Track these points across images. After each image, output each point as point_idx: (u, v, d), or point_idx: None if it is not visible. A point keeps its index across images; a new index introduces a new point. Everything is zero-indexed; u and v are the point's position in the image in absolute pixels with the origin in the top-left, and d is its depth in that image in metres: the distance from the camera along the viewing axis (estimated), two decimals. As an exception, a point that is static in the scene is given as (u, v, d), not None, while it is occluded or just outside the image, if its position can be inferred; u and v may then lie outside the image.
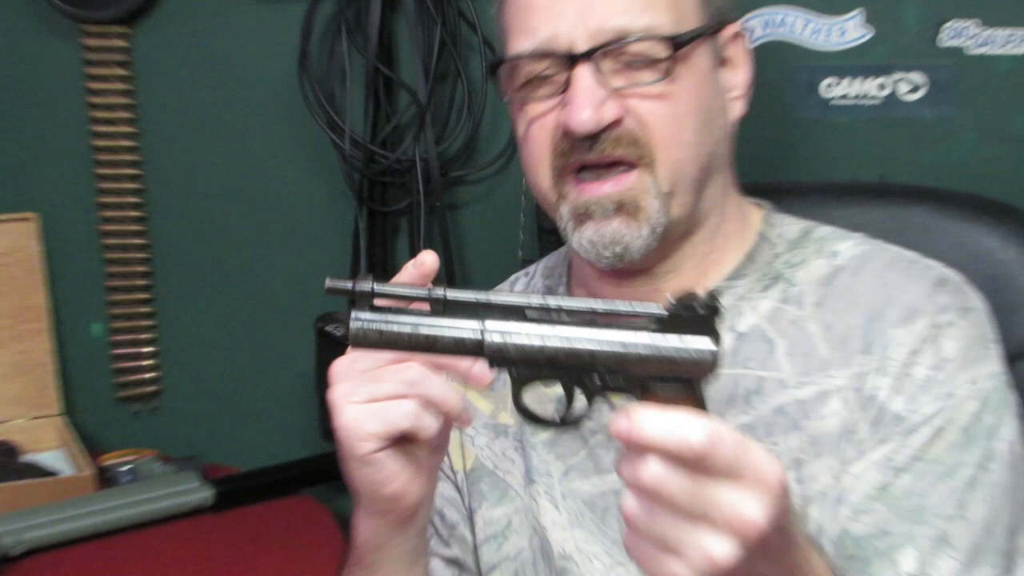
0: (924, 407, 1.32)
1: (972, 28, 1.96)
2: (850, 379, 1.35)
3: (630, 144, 1.33)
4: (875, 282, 1.39)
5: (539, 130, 1.37)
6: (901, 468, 1.31)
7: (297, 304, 2.15)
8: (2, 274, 2.25)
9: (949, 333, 1.35)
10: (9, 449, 2.13)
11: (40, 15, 2.21)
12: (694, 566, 1.00)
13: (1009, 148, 1.97)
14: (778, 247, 1.45)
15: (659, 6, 1.34)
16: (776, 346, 1.39)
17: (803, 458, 1.34)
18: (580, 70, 1.32)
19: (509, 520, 1.46)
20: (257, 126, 2.20)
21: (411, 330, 1.06)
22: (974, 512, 1.31)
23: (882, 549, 1.30)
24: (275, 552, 1.87)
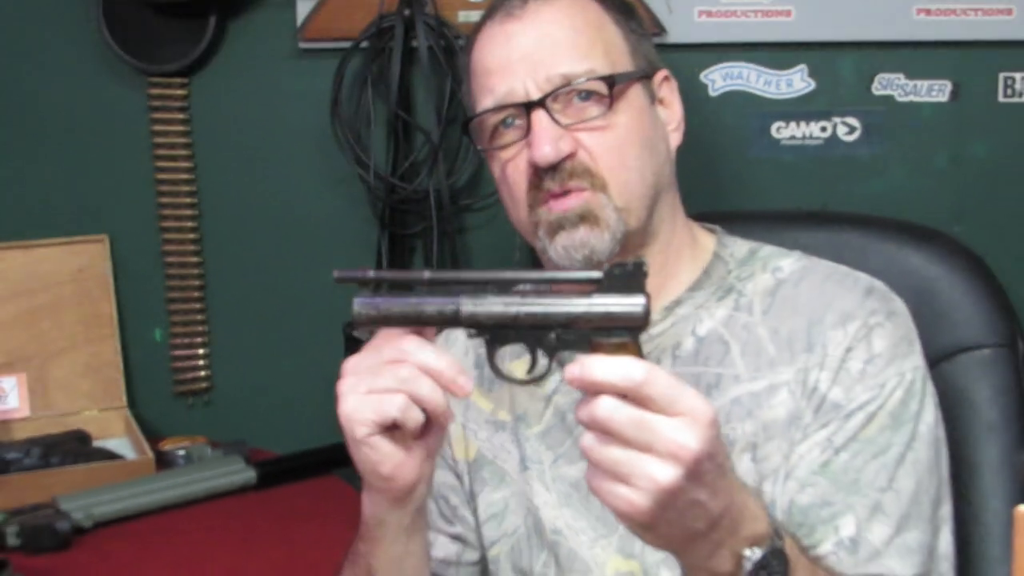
0: (859, 396, 1.34)
1: (899, 80, 1.97)
2: (795, 374, 1.36)
3: (583, 174, 1.36)
4: (814, 292, 1.41)
5: (513, 170, 1.40)
6: (840, 447, 1.33)
7: (328, 312, 2.14)
8: (77, 287, 2.24)
9: (878, 333, 1.36)
10: (82, 436, 2.12)
11: (113, 68, 2.21)
12: (643, 489, 1.02)
13: (932, 181, 1.98)
14: (730, 264, 1.46)
15: (595, 54, 1.38)
16: (731, 347, 1.40)
17: (757, 441, 1.35)
18: (537, 114, 1.35)
19: (507, 502, 1.47)
20: (295, 162, 2.20)
21: (401, 306, 1.11)
22: (902, 484, 1.32)
23: (825, 517, 1.31)
24: (308, 524, 1.86)
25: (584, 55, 1.37)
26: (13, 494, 1.88)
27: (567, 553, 1.41)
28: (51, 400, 2.21)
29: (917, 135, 1.97)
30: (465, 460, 1.49)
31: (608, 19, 1.42)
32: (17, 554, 1.72)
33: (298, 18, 2.12)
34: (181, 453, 2.07)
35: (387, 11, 2.05)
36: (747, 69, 2.00)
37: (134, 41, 2.18)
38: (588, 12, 1.40)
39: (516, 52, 1.37)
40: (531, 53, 1.37)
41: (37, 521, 1.77)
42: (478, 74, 1.42)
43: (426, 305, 1.10)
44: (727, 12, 1.96)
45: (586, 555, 1.40)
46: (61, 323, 2.23)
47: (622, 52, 1.41)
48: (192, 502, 1.93)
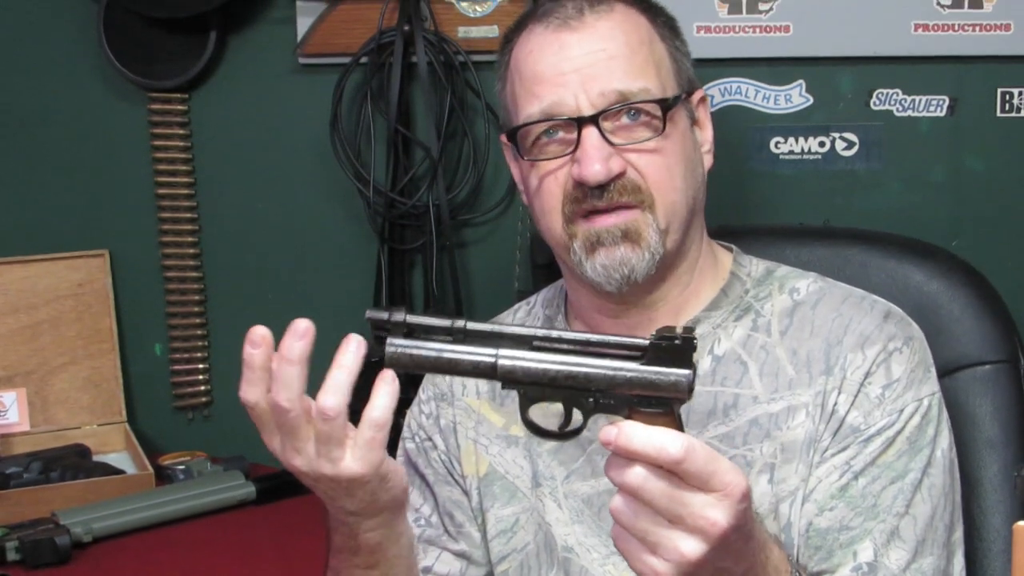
0: (877, 421, 1.34)
1: (897, 95, 1.98)
2: (814, 396, 1.36)
3: (633, 191, 1.34)
4: (832, 314, 1.40)
5: (552, 183, 1.37)
6: (859, 472, 1.33)
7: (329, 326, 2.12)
8: (77, 302, 2.24)
9: (897, 359, 1.36)
10: (82, 451, 2.12)
11: (114, 84, 2.21)
12: (670, 560, 1.02)
13: (930, 195, 1.99)
14: (747, 283, 1.46)
15: (648, 74, 1.37)
16: (749, 367, 1.39)
17: (775, 463, 1.35)
18: (588, 130, 1.34)
19: (517, 518, 1.45)
20: (295, 177, 2.20)
21: (436, 355, 1.09)
22: (919, 510, 1.32)
23: (844, 541, 1.31)
24: (307, 539, 1.84)
25: (639, 73, 1.36)
26: (13, 509, 1.88)
27: (578, 571, 1.40)
28: (51, 415, 2.21)
29: (915, 150, 1.97)
30: (475, 475, 1.47)
31: (657, 37, 1.41)
32: (17, 568, 1.72)
33: (298, 33, 2.11)
34: (181, 468, 2.06)
35: (387, 26, 2.04)
36: (745, 84, 1.99)
37: (134, 57, 2.18)
38: (641, 29, 1.39)
39: (569, 63, 1.35)
40: (585, 66, 1.35)
41: (37, 536, 1.76)
42: (525, 78, 1.39)
43: (461, 356, 1.08)
44: (725, 28, 1.96)
45: (597, 573, 1.39)
46: (61, 338, 2.22)
47: (670, 72, 1.40)
48: (192, 517, 1.93)
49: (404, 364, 1.10)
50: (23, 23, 2.22)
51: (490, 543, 1.47)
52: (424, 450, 1.51)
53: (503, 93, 1.46)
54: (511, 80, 1.43)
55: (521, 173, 1.45)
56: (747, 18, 1.96)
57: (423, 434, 1.51)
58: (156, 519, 1.90)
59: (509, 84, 1.43)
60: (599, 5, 1.39)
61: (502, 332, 1.09)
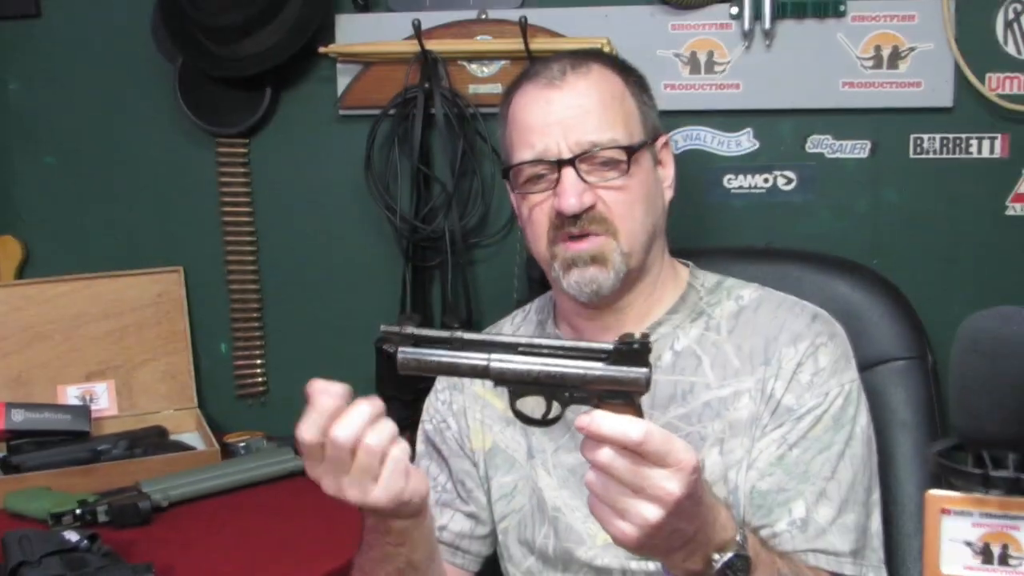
0: (807, 402, 1.35)
1: (828, 140, 1.98)
2: (755, 383, 1.37)
3: (601, 222, 1.37)
4: (770, 316, 1.42)
5: (539, 213, 1.40)
6: (792, 444, 1.34)
7: (362, 330, 2.14)
8: (157, 309, 2.24)
9: (823, 351, 1.38)
10: (161, 431, 2.12)
11: (188, 131, 2.21)
12: (635, 523, 1.04)
13: (854, 222, 1.99)
14: (701, 292, 1.48)
15: (617, 126, 1.38)
16: (703, 360, 1.41)
17: (724, 437, 1.36)
18: (566, 171, 1.36)
19: (515, 484, 1.47)
20: (336, 207, 2.19)
21: (439, 359, 1.09)
22: (842, 475, 1.33)
23: (780, 501, 1.32)
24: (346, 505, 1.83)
25: (609, 125, 1.38)
26: (103, 479, 1.88)
27: (565, 527, 1.41)
28: (135, 402, 2.21)
29: (842, 185, 1.96)
30: (482, 449, 1.49)
31: (628, 92, 1.43)
32: (106, 529, 1.72)
33: (338, 90, 2.11)
34: (242, 445, 2.07)
35: (411, 84, 2.04)
36: (703, 132, 1.99)
37: (204, 109, 2.18)
38: (614, 87, 1.41)
39: (553, 116, 1.38)
40: (565, 119, 1.37)
41: (123, 501, 1.77)
42: (519, 128, 1.41)
43: (460, 360, 1.09)
44: (687, 85, 1.96)
45: (580, 528, 1.40)
46: (144, 339, 2.22)
47: (637, 122, 1.42)
48: (251, 485, 1.93)
49: (413, 368, 1.10)
50: (116, 82, 2.23)
51: (494, 505, 1.48)
52: (440, 430, 1.52)
53: (502, 137, 1.48)
54: (508, 127, 1.45)
55: (516, 203, 1.47)
56: (705, 77, 1.96)
57: (439, 417, 1.52)
58: (221, 487, 1.90)
59: (507, 130, 1.45)
60: (580, 67, 1.40)
61: (493, 341, 1.10)
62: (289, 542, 1.72)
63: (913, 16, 1.87)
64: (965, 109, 1.89)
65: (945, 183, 1.93)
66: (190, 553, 1.67)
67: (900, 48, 1.88)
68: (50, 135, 2.27)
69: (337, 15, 2.09)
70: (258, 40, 2.05)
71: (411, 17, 1.99)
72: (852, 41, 1.90)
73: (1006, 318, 0.93)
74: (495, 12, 2.02)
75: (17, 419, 1.97)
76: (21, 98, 2.26)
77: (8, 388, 2.13)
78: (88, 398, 2.17)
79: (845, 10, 1.89)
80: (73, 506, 1.73)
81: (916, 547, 1.52)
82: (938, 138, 1.92)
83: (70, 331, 2.18)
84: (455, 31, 2.04)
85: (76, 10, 2.22)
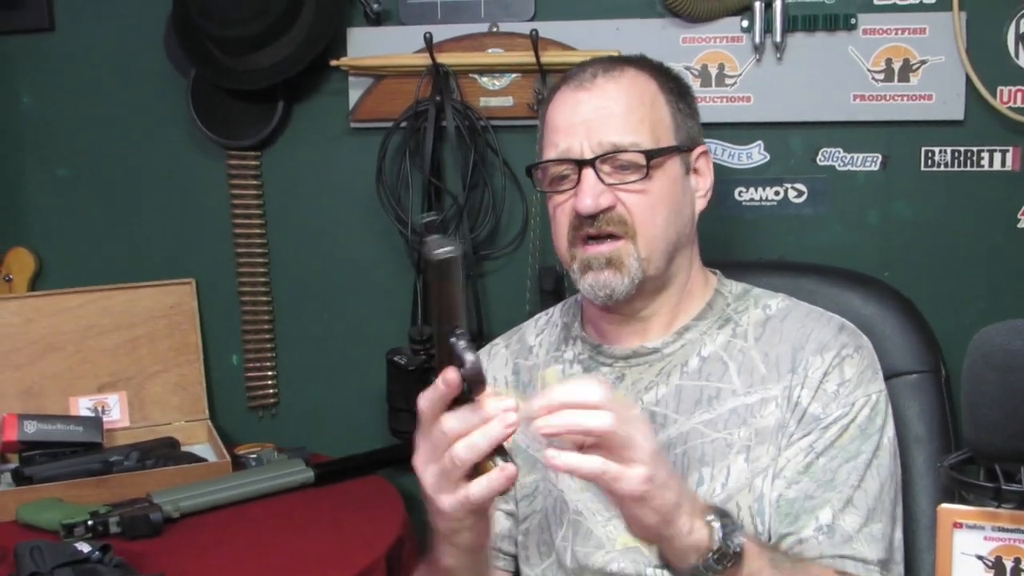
0: (834, 411, 1.35)
1: (839, 153, 1.98)
2: (782, 391, 1.37)
3: (619, 223, 1.37)
4: (797, 326, 1.42)
5: (561, 212, 1.41)
6: (820, 452, 1.34)
7: (373, 341, 2.15)
8: (169, 321, 2.24)
9: (849, 362, 1.38)
10: (172, 442, 2.12)
11: (199, 143, 2.23)
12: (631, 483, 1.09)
13: (866, 235, 1.98)
14: (728, 299, 1.48)
15: (641, 130, 1.39)
16: (729, 366, 1.41)
17: (751, 445, 1.36)
18: (586, 171, 1.37)
19: (537, 485, 1.47)
20: (347, 219, 2.20)
21: None
22: (869, 485, 1.33)
23: (808, 508, 1.32)
24: (357, 516, 1.86)
25: (633, 129, 1.38)
26: (115, 490, 1.89)
27: (585, 531, 1.41)
28: (147, 413, 2.21)
29: (853, 198, 1.96)
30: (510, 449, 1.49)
31: (662, 98, 1.43)
32: (117, 540, 1.72)
33: (350, 103, 2.12)
34: (253, 456, 2.06)
35: (422, 97, 2.05)
36: (715, 144, 1.99)
37: (216, 121, 2.19)
38: (645, 91, 1.42)
39: (578, 117, 1.39)
40: (590, 120, 1.39)
41: (134, 512, 1.77)
42: (549, 128, 1.43)
43: None
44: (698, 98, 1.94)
45: (600, 533, 1.40)
46: (156, 350, 2.23)
47: (667, 128, 1.42)
48: (261, 497, 1.93)
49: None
50: (129, 95, 2.24)
51: (518, 504, 1.49)
52: None
53: (540, 130, 1.49)
54: (541, 130, 1.47)
55: (548, 205, 1.47)
56: (716, 90, 1.96)
57: None
58: (232, 499, 1.90)
59: (541, 131, 1.47)
60: (612, 70, 1.42)
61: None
62: (300, 554, 1.72)
63: (924, 29, 1.88)
64: (976, 122, 1.89)
65: (956, 196, 1.93)
66: (201, 564, 1.68)
67: (911, 61, 1.88)
68: (63, 148, 2.28)
69: (349, 28, 2.10)
70: (270, 53, 2.06)
71: (423, 30, 2.00)
72: (863, 54, 1.90)
73: (1018, 332, 0.93)
74: (506, 25, 2.03)
75: (29, 430, 1.98)
76: (35, 111, 2.28)
77: (21, 400, 2.13)
78: (100, 409, 2.17)
79: (856, 23, 1.89)
80: (85, 517, 1.74)
81: (930, 561, 1.51)
82: (949, 151, 1.92)
83: (82, 343, 2.19)
84: (466, 44, 2.05)
85: (89, 24, 2.23)
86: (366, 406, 2.19)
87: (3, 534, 1.76)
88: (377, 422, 2.14)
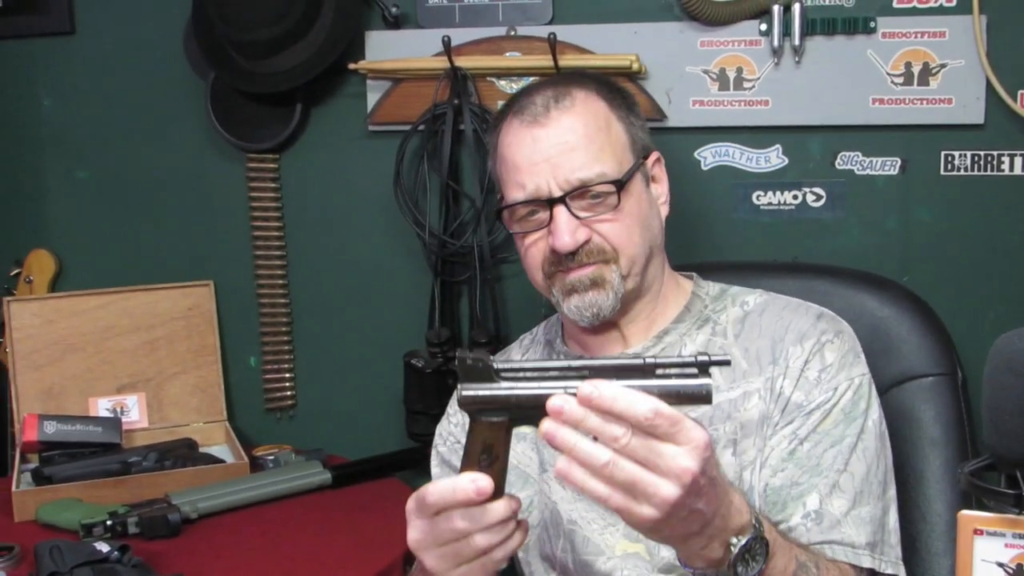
0: (816, 397, 1.36)
1: (858, 157, 1.98)
2: (764, 383, 1.38)
3: (599, 253, 1.39)
4: (775, 318, 1.43)
5: (534, 250, 1.42)
6: (803, 439, 1.34)
7: (391, 344, 2.16)
8: (188, 323, 2.26)
9: (829, 348, 1.39)
10: (191, 444, 2.13)
11: (218, 146, 2.24)
12: (652, 503, 1.00)
13: (884, 239, 1.98)
14: (705, 300, 1.50)
15: (605, 158, 1.39)
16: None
17: (736, 438, 1.37)
18: (558, 209, 1.38)
19: (531, 499, 1.48)
20: (365, 222, 2.20)
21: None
22: (855, 468, 1.34)
23: (794, 495, 1.33)
24: (374, 517, 1.87)
25: (596, 159, 1.38)
26: (134, 491, 1.90)
27: (582, 539, 1.41)
28: (165, 414, 2.23)
29: (872, 202, 1.96)
30: None
31: (613, 117, 1.43)
32: (136, 540, 1.73)
33: (368, 106, 2.13)
34: (270, 458, 2.07)
35: (440, 101, 2.05)
36: (732, 148, 1.99)
37: (235, 124, 2.21)
38: (598, 115, 1.41)
39: (539, 155, 1.39)
40: (552, 157, 1.38)
41: (153, 513, 1.78)
42: (508, 167, 1.43)
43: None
44: (716, 102, 1.97)
45: (598, 540, 1.40)
46: (174, 352, 2.24)
47: (625, 147, 1.42)
48: (279, 498, 1.94)
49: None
50: (149, 98, 2.26)
51: None
52: (455, 451, 1.53)
53: (493, 169, 1.50)
54: (498, 162, 1.47)
55: (515, 239, 1.47)
56: (733, 94, 1.96)
57: (452, 439, 1.54)
58: (250, 500, 1.91)
59: (496, 164, 1.48)
60: (563, 99, 1.41)
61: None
62: (317, 555, 1.73)
63: (944, 32, 1.87)
64: (996, 126, 1.89)
65: (976, 200, 1.92)
66: (219, 565, 1.69)
67: (931, 64, 1.88)
68: (83, 150, 2.30)
69: (367, 32, 2.11)
70: (289, 56, 2.07)
71: (441, 34, 2.01)
72: (882, 57, 1.89)
73: (1040, 338, 0.93)
74: (524, 29, 2.04)
75: (49, 431, 2.00)
76: (55, 114, 2.30)
77: (40, 400, 2.15)
78: (119, 410, 2.19)
79: (875, 26, 1.89)
80: (104, 517, 1.75)
81: (946, 566, 1.51)
82: (969, 155, 1.91)
83: (102, 344, 2.21)
84: (484, 47, 2.05)
85: (109, 27, 2.25)
86: (383, 408, 2.20)
87: (23, 533, 1.78)
88: (394, 424, 2.15)
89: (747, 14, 1.93)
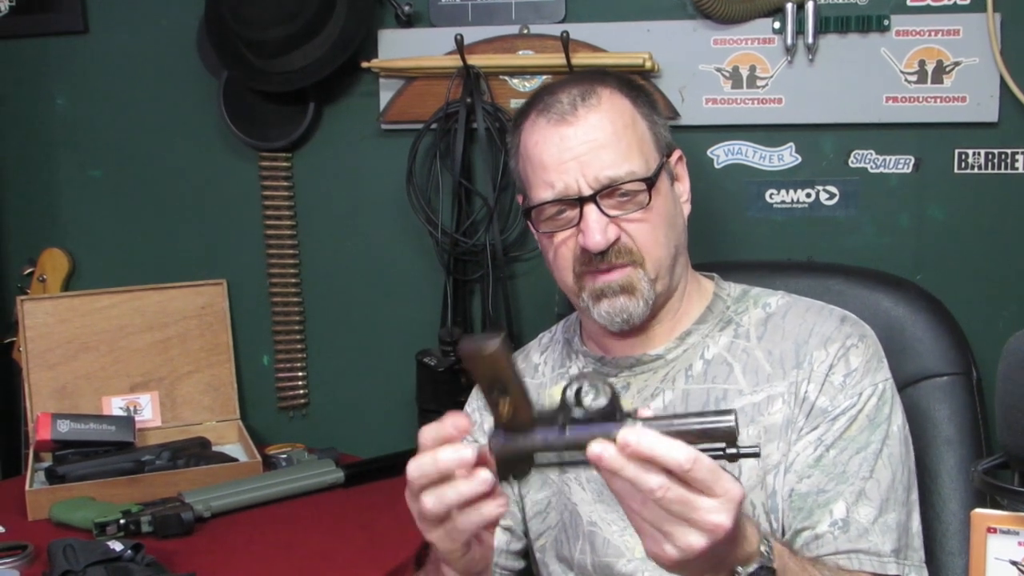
0: (841, 403, 1.36)
1: (871, 155, 1.97)
2: (788, 387, 1.38)
3: (627, 253, 1.38)
4: (798, 321, 1.43)
5: (564, 249, 1.41)
6: (829, 445, 1.34)
7: (404, 343, 2.17)
8: (201, 322, 2.27)
9: (854, 352, 1.38)
10: (204, 442, 2.14)
11: (231, 145, 2.25)
12: (677, 547, 1.00)
13: (898, 238, 1.97)
14: (727, 302, 1.49)
15: (633, 156, 1.39)
16: (734, 367, 1.41)
17: (760, 442, 1.36)
18: (589, 208, 1.37)
19: (549, 500, 1.48)
20: (378, 220, 2.21)
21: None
22: (881, 474, 1.33)
23: (821, 502, 1.32)
24: (386, 516, 1.86)
25: (625, 157, 1.38)
26: (147, 489, 1.91)
27: (602, 541, 1.41)
28: (178, 413, 2.24)
29: (886, 200, 1.96)
30: None
31: (638, 115, 1.42)
32: (149, 538, 1.74)
33: (380, 105, 2.14)
34: (283, 457, 2.08)
35: (453, 99, 2.06)
36: (745, 146, 1.99)
37: (248, 123, 2.21)
38: (624, 113, 1.41)
39: (568, 153, 1.38)
40: (581, 155, 1.37)
41: (166, 511, 1.79)
42: (535, 166, 1.41)
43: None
44: (729, 100, 1.97)
45: (618, 542, 1.40)
46: (188, 350, 2.25)
47: (651, 145, 1.42)
48: (292, 497, 1.95)
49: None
50: (162, 96, 2.27)
51: (529, 523, 1.49)
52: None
53: (516, 169, 1.48)
54: (522, 161, 1.45)
55: (539, 239, 1.47)
56: (747, 92, 1.96)
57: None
58: (263, 498, 1.91)
59: (521, 164, 1.46)
60: (590, 97, 1.40)
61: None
62: (330, 554, 1.73)
63: (958, 31, 1.87)
64: (1011, 124, 1.88)
65: (990, 198, 1.92)
66: (232, 563, 1.69)
67: (944, 63, 1.88)
68: (96, 149, 2.31)
69: (380, 30, 2.11)
70: (302, 55, 2.08)
71: (453, 32, 2.02)
72: (896, 56, 1.89)
73: (1053, 336, 0.93)
74: (537, 27, 2.04)
75: (63, 429, 2.01)
76: (68, 112, 2.31)
77: (54, 399, 2.17)
78: (132, 409, 2.20)
79: (889, 24, 1.89)
80: (117, 516, 1.76)
81: (961, 565, 1.51)
82: (983, 153, 1.91)
83: (115, 343, 2.22)
84: (497, 46, 2.06)
85: (123, 26, 2.26)
86: (396, 407, 2.20)
87: (37, 532, 1.79)
88: (407, 423, 2.15)
89: (760, 12, 1.93)
